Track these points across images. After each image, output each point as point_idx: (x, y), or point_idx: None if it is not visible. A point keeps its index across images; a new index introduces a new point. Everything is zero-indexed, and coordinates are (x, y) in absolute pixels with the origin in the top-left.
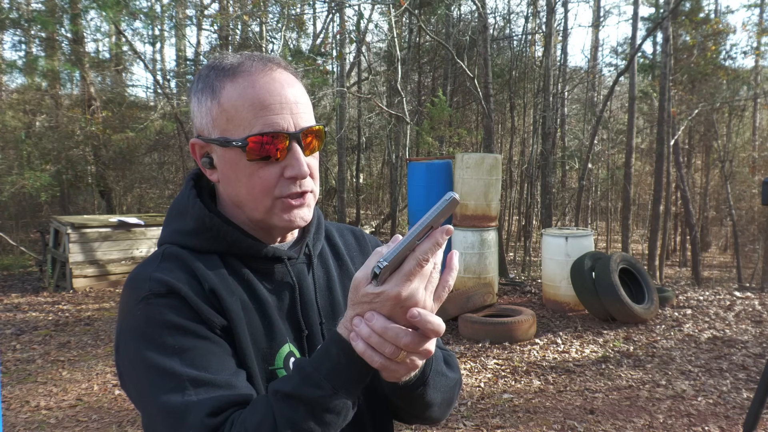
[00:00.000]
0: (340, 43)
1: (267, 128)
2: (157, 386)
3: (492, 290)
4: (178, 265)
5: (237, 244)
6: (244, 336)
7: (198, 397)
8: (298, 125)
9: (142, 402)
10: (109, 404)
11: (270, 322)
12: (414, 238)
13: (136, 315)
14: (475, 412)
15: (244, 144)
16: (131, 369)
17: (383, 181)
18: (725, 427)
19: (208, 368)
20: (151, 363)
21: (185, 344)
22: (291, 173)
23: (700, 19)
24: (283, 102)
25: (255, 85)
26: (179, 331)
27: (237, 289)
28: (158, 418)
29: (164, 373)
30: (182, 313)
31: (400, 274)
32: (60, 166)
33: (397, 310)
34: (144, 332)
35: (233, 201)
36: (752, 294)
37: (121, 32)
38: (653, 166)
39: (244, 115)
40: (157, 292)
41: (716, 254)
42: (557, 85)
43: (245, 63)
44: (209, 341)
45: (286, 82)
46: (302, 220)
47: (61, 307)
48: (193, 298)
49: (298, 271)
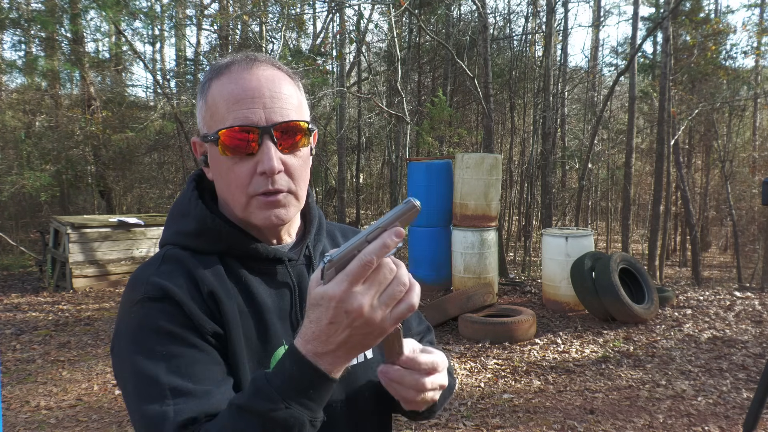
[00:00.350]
0: (340, 43)
1: (237, 122)
2: (141, 392)
3: (492, 290)
4: (177, 269)
5: (238, 245)
6: (239, 339)
7: (176, 407)
8: (271, 120)
9: (127, 402)
10: (109, 404)
11: (266, 323)
12: (363, 239)
13: (130, 317)
14: (475, 412)
15: (215, 138)
16: (122, 370)
17: (383, 181)
18: (725, 427)
19: (192, 376)
20: (138, 368)
21: (173, 351)
22: (261, 168)
23: (700, 19)
24: (256, 96)
25: (235, 81)
26: (168, 338)
27: (235, 291)
28: (139, 422)
29: (149, 381)
30: (174, 319)
31: (342, 274)
32: (60, 166)
33: (341, 316)
34: (135, 336)
35: (222, 198)
36: (752, 294)
37: (121, 32)
38: (653, 166)
39: (220, 110)
40: (152, 296)
41: (716, 254)
42: (557, 85)
43: (233, 62)
44: (197, 349)
45: (266, 77)
46: (278, 219)
47: (61, 307)
48: (188, 304)
49: (298, 272)
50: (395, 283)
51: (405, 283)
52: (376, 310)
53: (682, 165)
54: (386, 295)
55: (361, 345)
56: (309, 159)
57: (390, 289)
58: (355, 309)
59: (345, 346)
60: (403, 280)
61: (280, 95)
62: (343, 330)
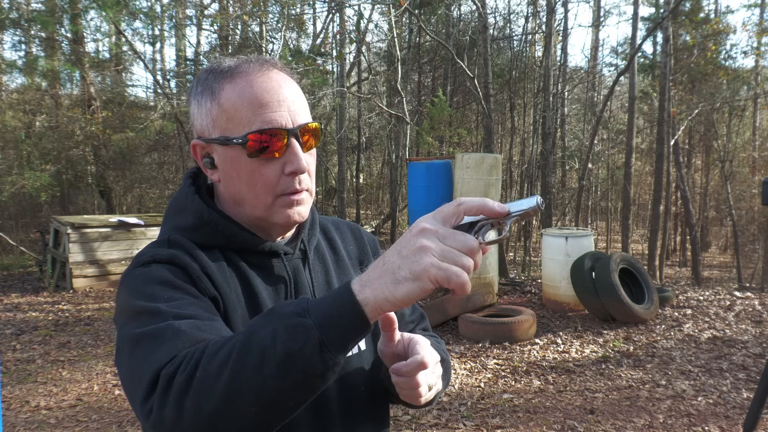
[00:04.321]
0: (340, 43)
1: (266, 125)
2: (142, 324)
3: (492, 290)
4: (182, 251)
5: (235, 239)
6: (236, 321)
7: (181, 321)
8: (296, 122)
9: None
10: (109, 404)
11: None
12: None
13: (133, 275)
14: (475, 412)
15: (244, 141)
16: (122, 327)
17: (383, 181)
18: (725, 427)
19: (195, 313)
20: (139, 308)
21: (174, 296)
22: (290, 168)
23: (700, 19)
24: (280, 100)
25: (253, 84)
26: (171, 287)
27: (234, 282)
28: (140, 344)
29: (150, 313)
30: (178, 276)
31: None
32: (60, 166)
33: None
34: (137, 287)
35: (234, 199)
36: (752, 294)
37: (121, 32)
38: (653, 166)
39: (243, 113)
40: (158, 259)
41: (716, 254)
42: (557, 85)
43: (242, 65)
44: (199, 299)
45: (283, 81)
46: (300, 217)
47: (61, 307)
48: (194, 269)
49: (293, 266)
50: (461, 246)
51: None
52: (430, 241)
53: (682, 165)
54: (447, 248)
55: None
56: None
57: (453, 250)
58: (417, 227)
59: (384, 270)
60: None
61: (297, 98)
62: (397, 251)
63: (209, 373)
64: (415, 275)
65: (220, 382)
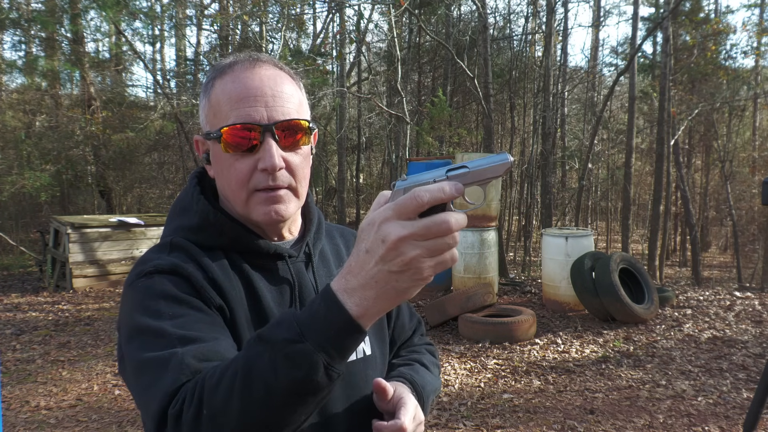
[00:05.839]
0: (340, 43)
1: (239, 119)
2: (147, 345)
3: (492, 290)
4: (185, 255)
5: (240, 240)
6: (242, 324)
7: (184, 349)
8: (273, 118)
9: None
10: (109, 404)
11: (266, 316)
12: (431, 179)
13: (137, 288)
14: (475, 412)
15: (218, 135)
16: (127, 341)
17: (383, 181)
18: (725, 427)
19: (200, 332)
20: (144, 327)
21: (179, 312)
22: (262, 165)
23: (700, 19)
24: (258, 95)
25: (236, 80)
26: (175, 301)
27: (237, 284)
28: (146, 371)
29: (155, 334)
30: (182, 288)
31: (390, 203)
32: (60, 166)
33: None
34: (141, 302)
35: (223, 195)
36: (752, 294)
37: (121, 32)
38: (653, 166)
39: (223, 108)
40: (161, 269)
41: (716, 254)
42: (557, 85)
43: (236, 62)
44: (204, 313)
45: (268, 77)
46: (277, 215)
47: (61, 307)
48: (197, 279)
49: (298, 269)
50: (442, 234)
51: (453, 238)
52: (414, 249)
53: (682, 165)
54: (431, 243)
55: (392, 290)
56: (309, 158)
57: (436, 241)
58: (391, 239)
59: (375, 284)
60: (453, 235)
61: (281, 94)
62: (377, 263)
63: (216, 409)
64: (417, 283)
65: (231, 419)
